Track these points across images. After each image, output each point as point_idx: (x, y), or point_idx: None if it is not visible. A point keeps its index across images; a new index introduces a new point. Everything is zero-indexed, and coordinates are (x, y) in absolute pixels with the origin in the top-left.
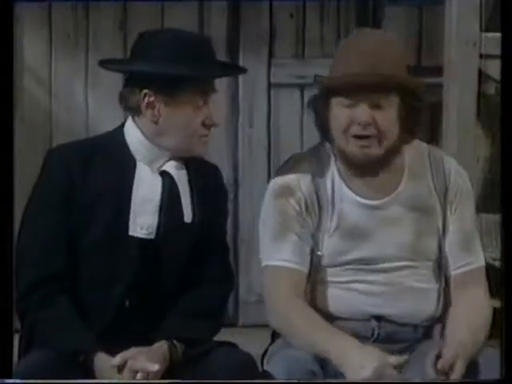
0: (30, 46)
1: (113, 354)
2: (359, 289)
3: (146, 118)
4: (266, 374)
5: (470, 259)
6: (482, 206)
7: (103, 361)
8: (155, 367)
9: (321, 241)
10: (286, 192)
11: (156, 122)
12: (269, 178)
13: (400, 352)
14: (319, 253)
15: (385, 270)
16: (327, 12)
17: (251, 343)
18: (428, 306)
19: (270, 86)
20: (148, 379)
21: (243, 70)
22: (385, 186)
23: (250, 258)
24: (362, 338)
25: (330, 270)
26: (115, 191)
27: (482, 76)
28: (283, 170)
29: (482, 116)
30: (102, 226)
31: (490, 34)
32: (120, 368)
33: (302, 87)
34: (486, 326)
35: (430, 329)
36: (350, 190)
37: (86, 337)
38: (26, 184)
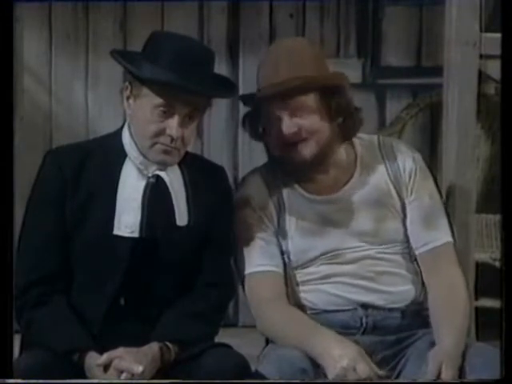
0: (30, 46)
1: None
2: (338, 280)
3: (127, 113)
4: (259, 375)
5: (434, 236)
6: (482, 206)
7: (92, 359)
8: (140, 369)
9: (285, 243)
10: (243, 204)
11: (131, 116)
12: None
13: (394, 344)
14: (287, 253)
15: (357, 260)
16: (327, 12)
17: (251, 344)
18: (408, 289)
19: None
20: (133, 380)
21: (235, 92)
22: (337, 180)
23: None
24: (351, 329)
25: (304, 270)
26: (106, 191)
27: (481, 76)
28: (238, 188)
29: (482, 116)
30: (94, 225)
31: (489, 34)
32: (106, 367)
33: None
34: (466, 311)
35: (419, 315)
36: (303, 189)
37: (82, 336)
38: (26, 184)
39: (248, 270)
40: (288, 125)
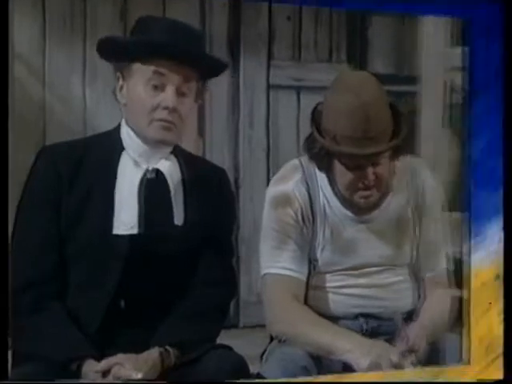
0: (22, 32)
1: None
2: (348, 292)
3: (121, 104)
4: (259, 376)
5: (437, 264)
6: None
7: (90, 366)
8: (139, 376)
9: (315, 252)
10: (284, 201)
11: (125, 105)
12: (268, 178)
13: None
14: (315, 262)
15: (368, 274)
16: (321, 18)
17: (252, 344)
18: (406, 303)
19: (269, 87)
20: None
21: (224, 66)
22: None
23: (251, 258)
24: None
25: (321, 276)
26: (103, 189)
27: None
28: (279, 178)
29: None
30: (93, 223)
31: (456, 49)
32: (104, 374)
33: (298, 90)
34: (446, 317)
35: (406, 320)
36: (342, 205)
37: (82, 343)
38: (16, 181)
39: (276, 270)
40: (369, 176)
